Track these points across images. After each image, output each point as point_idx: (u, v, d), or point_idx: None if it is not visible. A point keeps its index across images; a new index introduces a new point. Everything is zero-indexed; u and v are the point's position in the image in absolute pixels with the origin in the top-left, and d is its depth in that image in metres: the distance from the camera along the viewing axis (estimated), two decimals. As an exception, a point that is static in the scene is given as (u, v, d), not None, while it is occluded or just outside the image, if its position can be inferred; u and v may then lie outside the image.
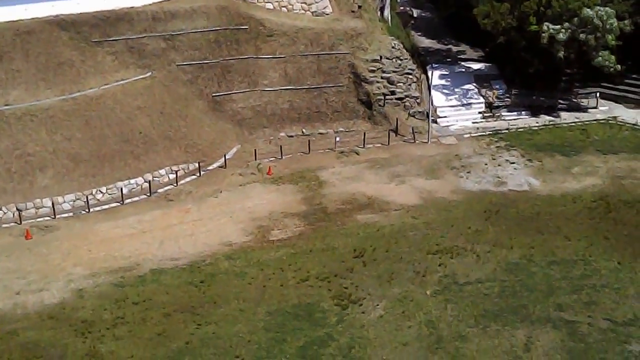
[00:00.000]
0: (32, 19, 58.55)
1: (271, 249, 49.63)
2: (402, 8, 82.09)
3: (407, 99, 67.61)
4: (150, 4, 62.89)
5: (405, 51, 70.09)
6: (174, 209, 54.72)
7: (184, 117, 61.04)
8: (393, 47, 68.67)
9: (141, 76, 60.82)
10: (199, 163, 59.41)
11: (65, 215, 53.67)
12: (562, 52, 65.57)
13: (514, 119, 68.61)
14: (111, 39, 60.56)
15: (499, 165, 60.47)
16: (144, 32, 61.68)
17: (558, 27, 65.22)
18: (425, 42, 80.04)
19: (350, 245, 49.78)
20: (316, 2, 69.36)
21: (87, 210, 54.10)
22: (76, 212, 53.94)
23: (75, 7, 60.13)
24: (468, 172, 59.44)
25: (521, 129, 66.87)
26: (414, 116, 67.30)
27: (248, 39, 65.23)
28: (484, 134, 66.16)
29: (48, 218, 53.33)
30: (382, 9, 75.49)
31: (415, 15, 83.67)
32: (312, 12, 69.22)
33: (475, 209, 53.99)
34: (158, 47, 62.16)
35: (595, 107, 70.08)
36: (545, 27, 65.33)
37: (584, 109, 70.01)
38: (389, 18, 76.57)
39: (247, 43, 65.15)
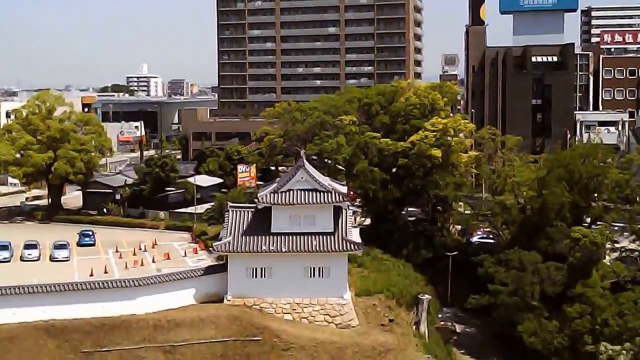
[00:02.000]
0: (19, 324, 56.11)
1: None
2: (442, 323, 77.72)
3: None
4: (153, 312, 60.23)
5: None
6: None
7: None
8: (429, 366, 63.28)
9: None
10: None
11: None
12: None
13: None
14: (104, 349, 57.22)
15: None
16: (142, 342, 58.28)
17: (618, 347, 60.18)
18: (470, 360, 74.19)
19: None
20: (341, 315, 65.42)
21: None
22: None
23: (69, 312, 57.99)
24: None
25: None
26: None
27: (260, 353, 60.80)
28: None
29: None
30: (417, 323, 71.15)
31: (458, 330, 78.75)
32: (337, 325, 65.01)
33: None
34: (156, 360, 58.09)
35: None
36: (603, 348, 60.32)
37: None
38: (427, 333, 71.81)
39: (258, 357, 60.65)
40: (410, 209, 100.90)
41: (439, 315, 79.69)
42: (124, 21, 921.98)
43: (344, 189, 70.37)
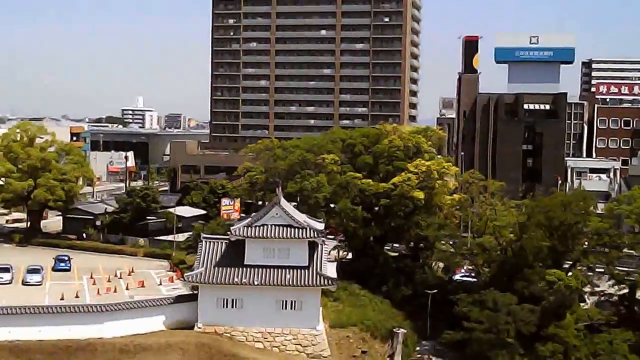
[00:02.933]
0: (-17, 343, 56.77)
1: None
2: (419, 355, 78.38)
3: None
4: (121, 336, 60.87)
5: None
6: None
7: None
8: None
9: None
10: None
11: None
12: None
13: None
14: (67, 370, 57.70)
15: None
16: (106, 367, 58.78)
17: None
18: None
19: None
20: (313, 345, 66.31)
21: None
22: None
23: (35, 334, 58.61)
24: None
25: None
26: None
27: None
28: None
29: None
30: (391, 356, 72.05)
31: (436, 363, 79.56)
32: (308, 354, 65.85)
33: None
34: (121, 384, 58.69)
35: None
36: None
37: None
38: (402, 366, 72.65)
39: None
40: (395, 245, 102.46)
41: (417, 349, 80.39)
42: (123, 55, 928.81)
43: (321, 226, 71.43)
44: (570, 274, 74.60)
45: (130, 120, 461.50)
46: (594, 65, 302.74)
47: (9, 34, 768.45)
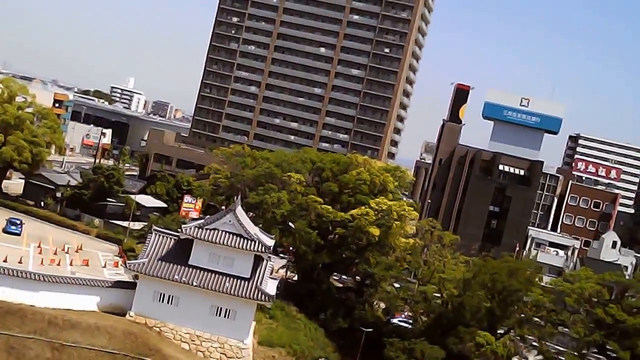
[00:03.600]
0: None
1: None
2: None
3: None
4: (52, 308, 62.11)
5: None
6: None
7: None
8: None
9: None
10: None
11: None
12: None
13: None
14: (-7, 330, 58.89)
15: None
16: (33, 334, 59.98)
17: None
18: None
19: None
20: (237, 357, 67.67)
21: None
22: None
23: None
24: None
25: None
26: None
27: (145, 374, 62.95)
28: None
29: None
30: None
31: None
32: (231, 365, 67.42)
33: None
34: (42, 355, 59.81)
35: None
36: None
37: None
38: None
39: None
40: (343, 276, 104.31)
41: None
42: (124, 34, 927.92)
43: (271, 242, 72.99)
44: (500, 340, 76.50)
45: (118, 99, 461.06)
46: (580, 141, 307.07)
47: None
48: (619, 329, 75.67)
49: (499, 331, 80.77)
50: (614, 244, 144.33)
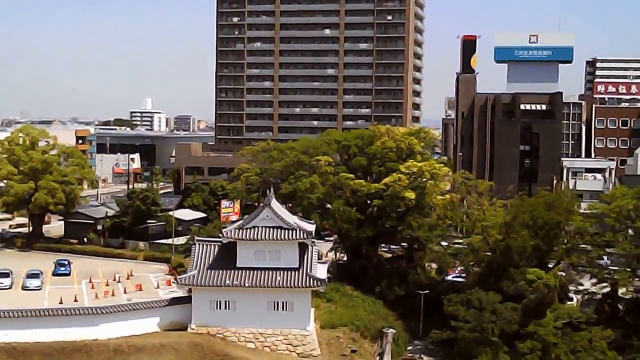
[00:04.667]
0: (-19, 345, 59.02)
1: None
2: (409, 355, 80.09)
3: None
4: (116, 338, 63.02)
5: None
6: None
7: None
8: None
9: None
10: None
11: None
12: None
13: None
14: (63, 370, 59.95)
15: None
16: (102, 365, 61.02)
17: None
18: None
19: None
20: (303, 345, 68.23)
21: None
22: None
23: (32, 336, 60.80)
24: None
25: None
26: None
27: (221, 383, 63.65)
28: None
29: None
30: (381, 355, 73.86)
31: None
32: (299, 354, 67.79)
33: None
34: (114, 386, 60.85)
35: None
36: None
37: None
38: (391, 365, 74.51)
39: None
40: (391, 246, 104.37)
41: (409, 348, 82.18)
42: (133, 57, 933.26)
43: (311, 227, 73.23)
44: (551, 272, 76.39)
45: (139, 123, 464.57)
46: (597, 64, 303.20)
47: (20, 36, 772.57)
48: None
49: (549, 265, 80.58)
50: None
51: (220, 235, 70.56)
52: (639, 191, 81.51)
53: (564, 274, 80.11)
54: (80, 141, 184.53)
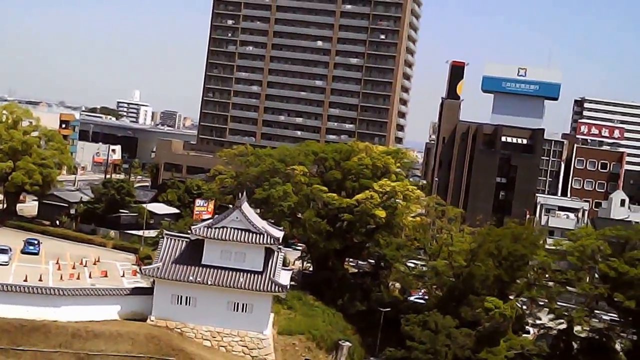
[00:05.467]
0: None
1: None
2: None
3: None
4: (75, 321, 64.08)
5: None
6: None
7: None
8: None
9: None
10: None
11: None
12: None
13: None
14: (19, 348, 60.87)
15: None
16: (58, 347, 62.08)
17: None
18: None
19: None
20: (259, 348, 69.54)
21: None
22: None
23: (-4, 311, 61.61)
24: None
25: None
26: None
27: (172, 374, 64.86)
28: None
29: None
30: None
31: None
32: (253, 357, 69.20)
33: None
34: (68, 366, 61.96)
35: None
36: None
37: None
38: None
39: (168, 379, 64.69)
40: (359, 262, 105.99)
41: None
42: (126, 47, 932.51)
43: (280, 234, 74.68)
44: (508, 303, 78.09)
45: (125, 113, 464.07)
46: (585, 105, 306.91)
47: (16, 16, 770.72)
48: (623, 281, 76.91)
49: (510, 296, 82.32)
50: (623, 202, 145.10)
51: (189, 231, 71.85)
52: (604, 233, 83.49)
53: (525, 307, 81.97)
54: (63, 125, 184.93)
